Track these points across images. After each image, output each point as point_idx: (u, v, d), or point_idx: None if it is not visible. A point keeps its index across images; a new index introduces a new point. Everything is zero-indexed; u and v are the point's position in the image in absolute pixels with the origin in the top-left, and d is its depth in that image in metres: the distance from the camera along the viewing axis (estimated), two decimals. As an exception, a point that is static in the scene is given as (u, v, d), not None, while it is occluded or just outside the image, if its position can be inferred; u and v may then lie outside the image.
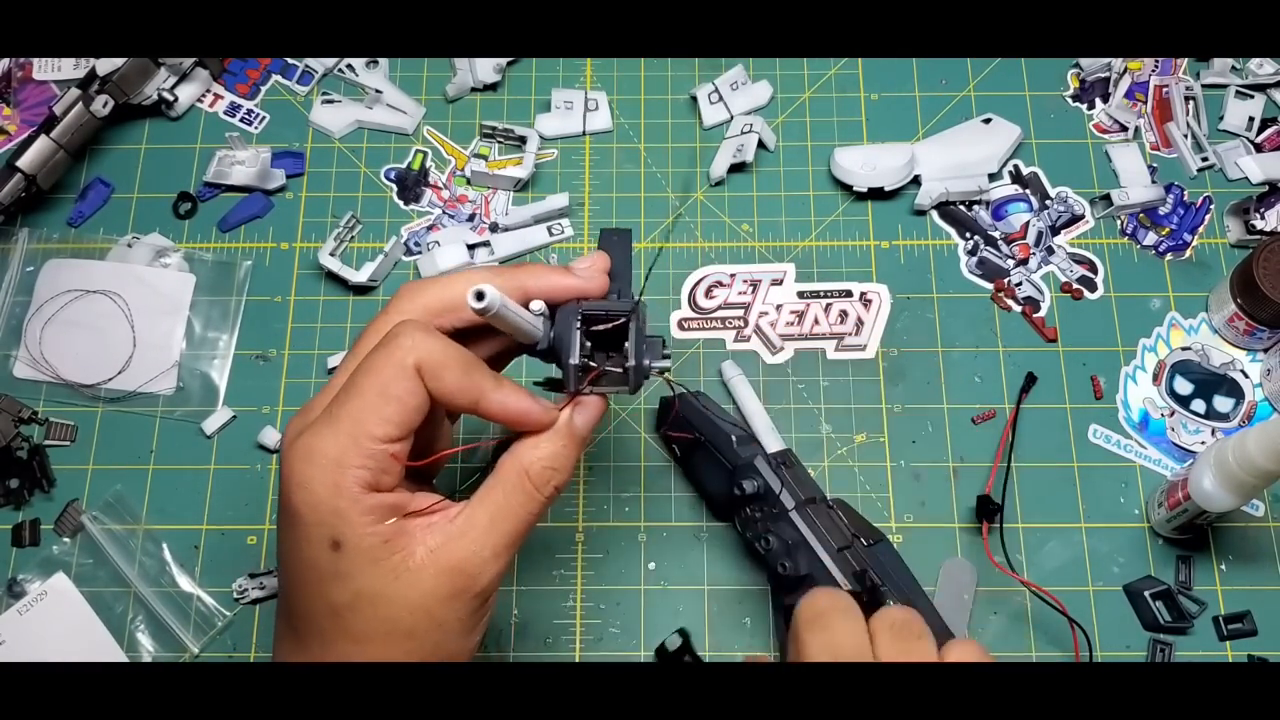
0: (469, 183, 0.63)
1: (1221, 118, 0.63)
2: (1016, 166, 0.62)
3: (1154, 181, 0.62)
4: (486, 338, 0.41)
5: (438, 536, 0.37)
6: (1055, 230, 0.61)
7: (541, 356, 0.40)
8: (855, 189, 0.61)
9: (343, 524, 0.35)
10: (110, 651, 0.52)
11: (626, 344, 0.39)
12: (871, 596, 0.45)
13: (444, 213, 0.62)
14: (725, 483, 0.51)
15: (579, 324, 0.39)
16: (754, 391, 0.56)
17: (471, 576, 0.37)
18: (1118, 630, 0.52)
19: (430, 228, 0.61)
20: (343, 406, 0.36)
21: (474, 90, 0.65)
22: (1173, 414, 0.57)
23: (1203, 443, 0.56)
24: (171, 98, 0.62)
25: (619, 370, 0.39)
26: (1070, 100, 0.64)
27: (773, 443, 0.54)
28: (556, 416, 0.39)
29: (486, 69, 0.64)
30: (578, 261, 0.42)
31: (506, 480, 0.39)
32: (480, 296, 0.34)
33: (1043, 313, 0.59)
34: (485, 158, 0.63)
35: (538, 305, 0.40)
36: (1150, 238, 0.61)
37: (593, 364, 0.39)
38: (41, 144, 0.59)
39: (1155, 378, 0.58)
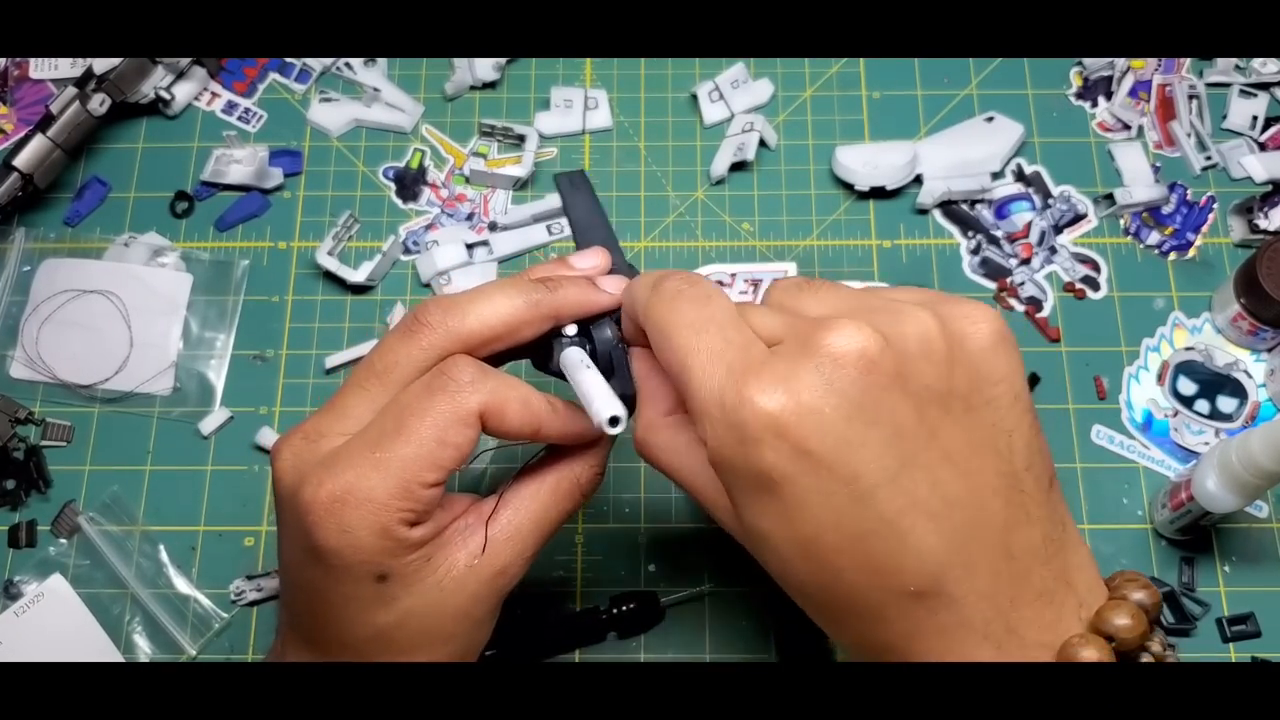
0: (468, 181, 0.62)
1: (1225, 117, 0.63)
2: (1019, 165, 0.62)
3: (1157, 180, 0.61)
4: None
5: (477, 543, 0.37)
6: (1058, 229, 0.61)
7: (561, 377, 0.40)
8: (857, 188, 0.61)
9: (390, 559, 0.35)
10: (107, 653, 0.51)
11: None
12: None
13: (443, 212, 0.61)
14: None
15: (621, 345, 0.39)
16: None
17: (512, 578, 0.38)
18: (1121, 632, 0.52)
19: (429, 227, 0.61)
20: (393, 451, 0.34)
21: (473, 88, 0.64)
22: (1176, 414, 0.56)
23: (1206, 443, 0.56)
24: (168, 96, 0.62)
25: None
26: (1073, 99, 0.64)
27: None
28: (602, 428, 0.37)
29: (485, 67, 0.64)
30: (576, 259, 0.42)
31: (558, 489, 0.39)
32: (615, 422, 0.35)
33: (1046, 312, 0.59)
34: (484, 156, 0.62)
35: (571, 329, 0.40)
36: (1154, 237, 0.60)
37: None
38: (38, 143, 0.58)
39: (1159, 378, 0.57)
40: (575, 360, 0.39)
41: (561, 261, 0.42)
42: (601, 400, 0.36)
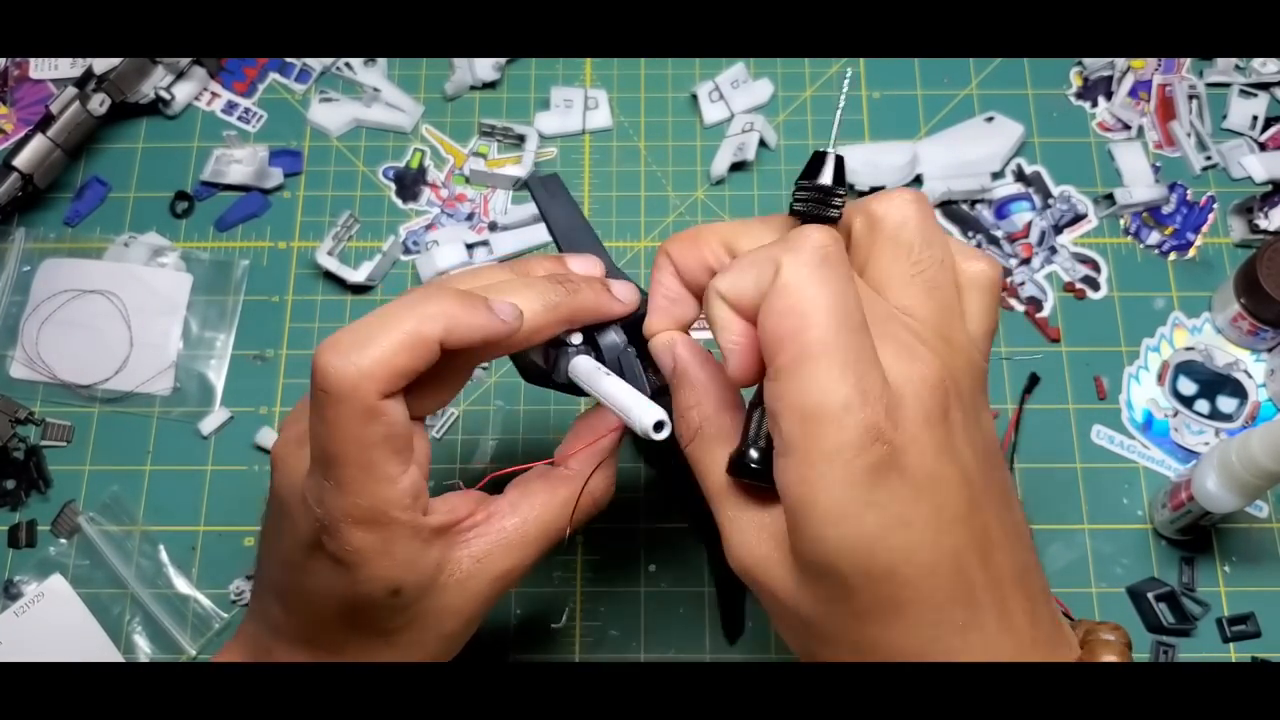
0: (468, 181, 0.62)
1: (1225, 116, 0.63)
2: (1019, 165, 0.62)
3: (1157, 180, 0.61)
4: (448, 381, 0.37)
5: (483, 545, 0.37)
6: (1058, 229, 0.61)
7: (562, 388, 0.40)
8: (857, 188, 0.61)
9: (402, 572, 0.35)
10: (107, 653, 0.51)
11: None
12: None
13: (443, 211, 0.61)
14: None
15: (634, 352, 0.39)
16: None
17: (512, 582, 0.38)
18: (1121, 632, 0.52)
19: (429, 227, 0.61)
20: (335, 471, 0.33)
21: (473, 88, 0.64)
22: (1176, 414, 0.56)
23: (1206, 443, 0.56)
24: (168, 96, 0.62)
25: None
26: (1073, 99, 0.64)
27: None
28: (518, 324, 0.35)
29: (485, 67, 0.64)
30: (573, 263, 0.40)
31: (570, 502, 0.38)
32: (661, 427, 0.34)
33: (1046, 312, 0.59)
34: (484, 156, 0.62)
35: (576, 338, 0.39)
36: (1154, 237, 0.60)
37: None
38: (38, 143, 0.58)
39: (1159, 378, 0.57)
40: (591, 369, 0.37)
41: (559, 261, 0.40)
42: (641, 408, 0.34)
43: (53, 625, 0.52)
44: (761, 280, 0.31)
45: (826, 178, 0.34)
